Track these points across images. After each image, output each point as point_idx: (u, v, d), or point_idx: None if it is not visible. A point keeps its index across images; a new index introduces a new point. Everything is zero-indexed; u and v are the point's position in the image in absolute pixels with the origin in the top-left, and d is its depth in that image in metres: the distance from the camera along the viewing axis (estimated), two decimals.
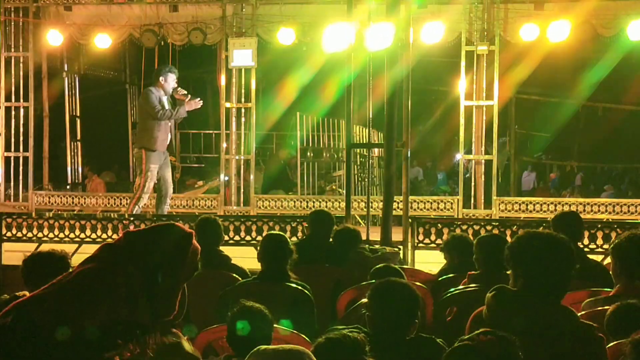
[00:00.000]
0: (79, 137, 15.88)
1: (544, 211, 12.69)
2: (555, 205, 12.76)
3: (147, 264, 2.57)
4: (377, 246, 7.22)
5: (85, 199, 14.29)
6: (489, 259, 5.23)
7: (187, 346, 2.63)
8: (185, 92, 10.30)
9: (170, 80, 10.26)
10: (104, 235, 8.69)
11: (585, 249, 7.14)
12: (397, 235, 8.11)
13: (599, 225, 7.72)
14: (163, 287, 2.57)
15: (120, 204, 13.98)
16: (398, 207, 10.17)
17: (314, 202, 13.22)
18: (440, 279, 5.87)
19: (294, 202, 13.66)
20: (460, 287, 5.28)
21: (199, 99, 10.40)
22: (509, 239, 6.97)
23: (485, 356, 2.63)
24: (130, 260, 2.65)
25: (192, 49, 13.68)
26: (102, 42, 13.40)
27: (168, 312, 2.61)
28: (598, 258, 7.07)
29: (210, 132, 17.83)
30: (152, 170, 10.18)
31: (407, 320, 3.81)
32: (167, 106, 10.24)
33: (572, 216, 6.11)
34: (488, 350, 2.64)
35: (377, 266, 5.13)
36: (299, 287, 5.22)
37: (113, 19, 13.51)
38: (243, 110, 13.48)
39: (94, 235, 8.73)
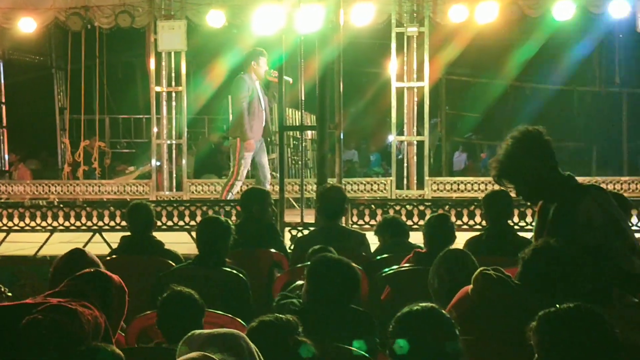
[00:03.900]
0: (4, 123, 15.50)
1: (475, 190, 12.86)
2: (486, 185, 12.92)
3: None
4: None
5: (12, 187, 13.99)
6: (435, 237, 5.34)
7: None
8: (277, 75, 9.91)
9: (263, 64, 9.89)
10: (33, 224, 8.53)
11: (516, 227, 7.26)
12: None
13: (528, 203, 7.83)
14: None
15: (49, 191, 13.72)
16: None
17: (246, 186, 13.12)
18: (374, 259, 5.91)
19: None
20: (395, 267, 5.34)
21: (289, 79, 9.99)
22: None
23: None
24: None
25: (120, 32, 13.43)
26: (27, 26, 13.08)
27: None
28: (528, 235, 7.19)
29: (141, 116, 17.60)
30: (246, 158, 9.97)
31: (343, 293, 3.96)
32: (260, 92, 9.92)
33: (502, 195, 6.18)
34: None
35: (314, 247, 5.15)
36: (234, 272, 5.20)
37: (38, 2, 13.16)
38: (173, 94, 13.32)
39: (22, 224, 8.56)
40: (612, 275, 3.88)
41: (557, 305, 2.83)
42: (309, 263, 4.40)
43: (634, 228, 7.40)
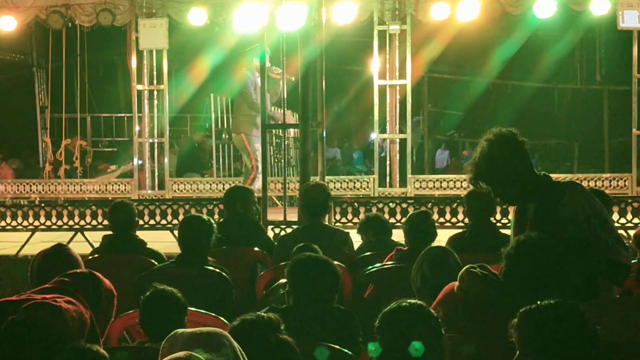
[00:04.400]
0: None
1: (458, 188, 12.88)
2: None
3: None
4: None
5: None
6: (417, 234, 5.33)
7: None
8: (280, 72, 9.73)
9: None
10: (14, 223, 8.49)
11: (498, 224, 7.28)
12: None
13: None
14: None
15: (30, 190, 13.64)
16: None
17: (229, 184, 13.11)
18: (357, 257, 5.91)
19: (210, 184, 13.57)
20: (379, 264, 5.34)
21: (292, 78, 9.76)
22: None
23: None
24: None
25: (101, 30, 13.37)
26: (7, 24, 13.00)
27: None
28: (509, 232, 7.20)
29: (122, 115, 17.53)
30: (259, 149, 9.86)
31: (326, 294, 3.94)
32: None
33: (484, 192, 6.19)
34: None
35: (299, 245, 5.14)
36: (217, 270, 5.18)
37: (18, 1, 13.08)
38: (155, 92, 13.28)
39: (3, 223, 8.53)
40: (600, 267, 3.91)
41: (538, 302, 2.84)
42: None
43: (615, 225, 7.45)
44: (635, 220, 7.94)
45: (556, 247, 3.60)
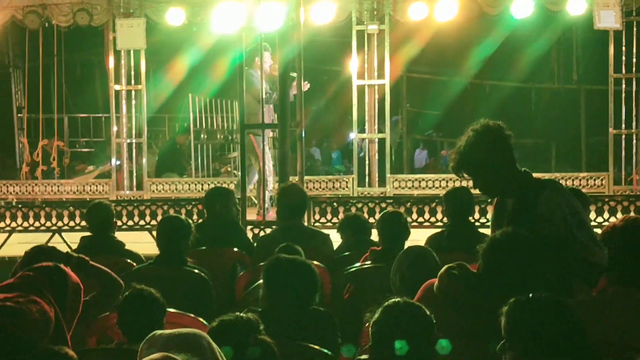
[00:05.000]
0: None
1: (436, 187, 12.92)
2: (447, 182, 12.98)
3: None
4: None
5: None
6: (389, 234, 5.34)
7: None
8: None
9: (267, 59, 9.58)
10: None
11: (477, 223, 7.31)
12: None
13: (489, 200, 7.90)
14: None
15: (7, 191, 13.54)
16: None
17: (208, 184, 13.07)
18: (337, 257, 5.91)
19: (189, 185, 13.53)
20: (357, 264, 5.34)
21: (306, 82, 9.56)
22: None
23: None
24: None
25: (79, 30, 13.29)
26: None
27: None
28: (488, 231, 7.23)
29: (100, 115, 17.42)
30: (267, 152, 9.71)
31: (302, 294, 3.90)
32: (266, 87, 9.70)
33: (463, 191, 6.23)
34: None
35: (281, 245, 5.14)
36: (196, 271, 5.17)
37: None
38: (133, 92, 13.22)
39: None
40: (574, 265, 3.93)
41: (530, 294, 2.86)
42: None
43: (592, 223, 7.51)
44: (612, 220, 7.99)
45: (532, 243, 3.62)
